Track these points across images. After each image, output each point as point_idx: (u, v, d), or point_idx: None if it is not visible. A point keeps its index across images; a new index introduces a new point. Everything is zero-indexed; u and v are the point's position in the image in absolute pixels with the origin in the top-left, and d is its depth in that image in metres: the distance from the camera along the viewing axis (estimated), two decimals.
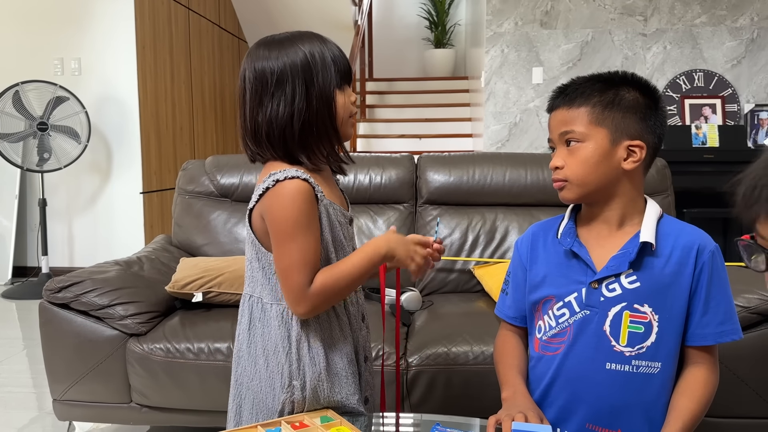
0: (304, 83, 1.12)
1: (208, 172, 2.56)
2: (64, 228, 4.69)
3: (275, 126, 1.13)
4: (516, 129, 4.98)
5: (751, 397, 1.74)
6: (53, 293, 1.96)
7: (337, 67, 1.15)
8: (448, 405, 1.83)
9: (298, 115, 1.12)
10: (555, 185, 1.13)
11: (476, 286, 2.36)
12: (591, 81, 1.11)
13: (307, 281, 1.10)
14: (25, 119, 4.22)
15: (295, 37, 1.16)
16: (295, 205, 1.09)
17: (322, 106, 1.14)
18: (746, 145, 4.53)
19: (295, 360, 1.14)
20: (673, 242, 1.09)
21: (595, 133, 1.08)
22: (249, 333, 1.19)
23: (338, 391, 1.17)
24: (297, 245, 1.09)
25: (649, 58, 4.85)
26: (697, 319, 1.08)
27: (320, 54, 1.14)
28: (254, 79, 1.14)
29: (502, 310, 1.27)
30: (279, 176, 1.10)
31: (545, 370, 1.15)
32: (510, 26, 4.92)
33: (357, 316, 1.24)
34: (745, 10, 4.76)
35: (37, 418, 2.44)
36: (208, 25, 5.85)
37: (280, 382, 1.15)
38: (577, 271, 1.12)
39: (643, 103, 1.09)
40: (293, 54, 1.13)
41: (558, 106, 1.13)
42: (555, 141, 1.13)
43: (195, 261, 2.22)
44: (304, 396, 1.14)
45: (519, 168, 2.48)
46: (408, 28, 7.99)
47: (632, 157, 1.08)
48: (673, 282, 1.08)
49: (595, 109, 1.08)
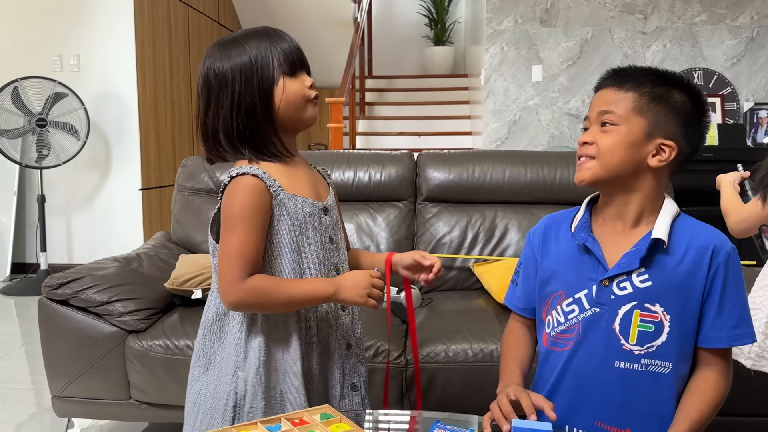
0: (243, 81, 1.16)
1: (208, 168, 2.55)
2: (63, 224, 4.68)
3: (220, 125, 1.17)
4: (515, 127, 4.98)
5: (750, 394, 1.74)
6: (52, 290, 1.96)
7: (284, 57, 1.17)
8: (447, 402, 1.83)
9: (237, 111, 1.16)
10: (579, 162, 1.12)
11: (476, 283, 2.36)
12: (648, 71, 1.10)
13: (240, 273, 1.12)
14: (24, 115, 4.21)
15: (243, 37, 1.19)
16: (241, 198, 1.13)
17: (260, 99, 1.16)
18: (745, 144, 4.53)
19: (243, 352, 1.18)
20: (689, 242, 1.08)
21: (633, 120, 1.07)
22: (213, 325, 1.22)
23: (276, 386, 1.19)
24: (236, 237, 1.13)
25: (648, 56, 4.85)
26: (710, 322, 1.07)
27: (264, 51, 1.17)
28: (202, 80, 1.19)
29: (512, 301, 1.26)
30: (233, 172, 1.15)
31: (554, 366, 1.14)
32: (510, 24, 4.92)
33: (335, 305, 1.25)
34: (744, 8, 4.76)
35: (36, 415, 2.44)
36: (207, 22, 5.84)
37: (227, 373, 1.19)
38: (589, 267, 1.11)
39: (691, 110, 1.09)
40: (237, 55, 1.17)
41: (606, 86, 1.12)
42: (592, 119, 1.12)
43: (194, 258, 2.22)
44: (246, 389, 1.17)
45: (519, 166, 2.48)
46: (407, 26, 7.98)
47: (660, 156, 1.07)
48: (687, 282, 1.07)
49: (642, 98, 1.07)
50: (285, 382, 1.19)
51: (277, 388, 1.19)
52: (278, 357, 1.20)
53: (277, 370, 1.20)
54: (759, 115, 4.66)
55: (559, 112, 4.94)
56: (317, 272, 1.21)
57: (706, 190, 3.78)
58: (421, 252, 1.28)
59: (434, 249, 2.41)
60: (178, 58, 5.22)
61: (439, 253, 2.41)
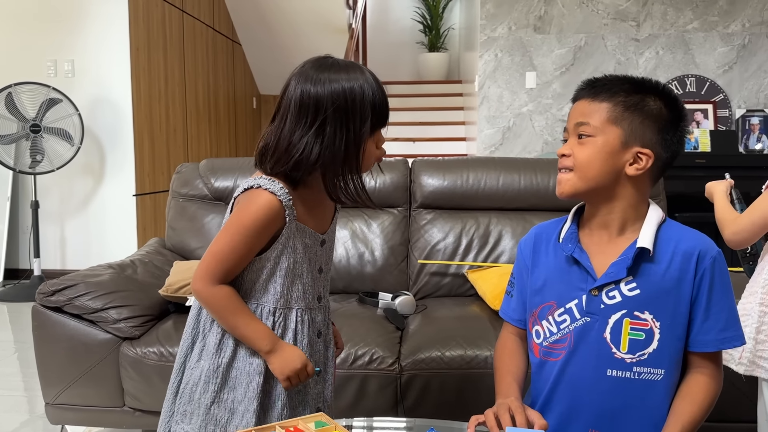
0: (344, 126, 1.12)
1: (203, 175, 2.56)
2: (57, 230, 4.66)
3: (309, 162, 1.13)
4: (509, 133, 5.00)
5: (741, 399, 1.75)
6: (46, 296, 1.96)
7: (374, 112, 1.14)
8: (441, 409, 1.83)
9: (323, 156, 1.13)
10: (559, 175, 1.12)
11: (470, 290, 2.36)
12: (621, 80, 1.10)
13: (215, 273, 1.16)
14: (18, 121, 4.20)
15: (341, 68, 1.15)
16: (254, 212, 1.14)
17: (350, 153, 1.14)
18: (737, 150, 4.56)
19: (211, 344, 1.21)
20: (674, 248, 1.08)
21: (609, 131, 1.07)
22: (196, 319, 1.25)
23: (229, 391, 1.21)
24: (231, 241, 1.16)
25: (641, 63, 4.88)
26: (698, 326, 1.08)
27: (360, 95, 1.13)
28: (299, 102, 1.13)
29: (507, 313, 1.27)
30: (263, 183, 1.15)
31: (548, 376, 1.15)
32: (504, 31, 4.94)
33: (312, 331, 1.27)
34: (736, 16, 4.80)
35: (28, 422, 2.43)
36: (202, 28, 5.84)
37: (195, 355, 1.23)
38: (578, 277, 1.12)
39: (667, 116, 1.08)
40: (337, 85, 1.12)
41: (582, 97, 1.12)
42: (569, 131, 1.13)
43: (189, 264, 2.22)
44: (199, 378, 1.20)
45: (512, 172, 2.49)
46: (402, 32, 8.01)
47: (637, 164, 1.07)
48: (674, 288, 1.07)
49: (616, 107, 1.07)
50: (239, 391, 1.21)
51: (230, 394, 1.21)
52: (240, 365, 1.21)
53: (235, 377, 1.21)
54: (751, 121, 4.69)
55: (552, 118, 4.96)
56: (301, 300, 1.23)
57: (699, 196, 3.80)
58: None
59: (428, 255, 2.42)
60: (172, 63, 5.22)
61: (433, 259, 2.41)
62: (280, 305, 1.21)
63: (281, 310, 1.21)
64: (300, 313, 1.23)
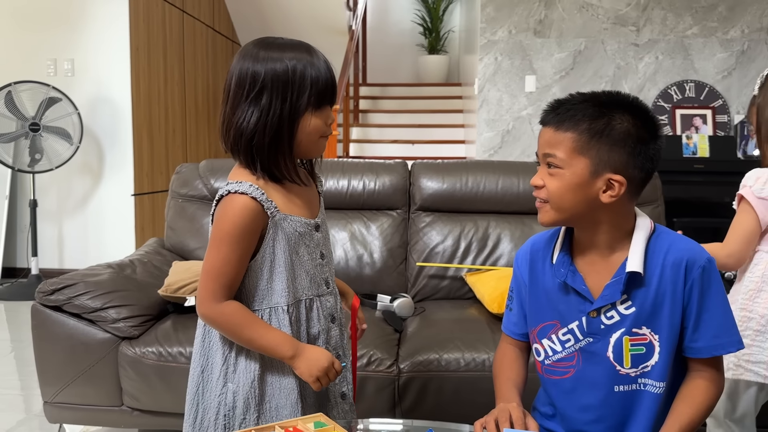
0: (280, 97, 1.14)
1: (202, 175, 2.56)
2: (55, 229, 4.66)
3: (246, 132, 1.15)
4: (509, 136, 5.01)
5: None
6: (46, 295, 1.96)
7: (316, 88, 1.16)
8: (439, 411, 1.84)
9: (270, 128, 1.14)
10: (536, 204, 1.11)
11: (468, 293, 2.37)
12: (585, 103, 1.05)
13: (217, 290, 1.15)
14: (17, 120, 4.20)
15: (286, 46, 1.17)
16: (232, 218, 1.14)
17: (286, 125, 1.15)
18: (736, 156, 4.57)
19: (232, 364, 1.19)
20: (663, 260, 1.07)
21: (576, 162, 1.04)
22: (203, 330, 1.24)
23: (271, 399, 1.20)
24: (221, 255, 1.14)
25: (641, 68, 4.89)
26: (689, 334, 1.09)
27: (302, 71, 1.15)
28: (237, 79, 1.16)
29: (509, 327, 1.26)
30: (232, 188, 1.15)
31: (555, 391, 1.16)
32: (504, 34, 4.95)
33: (326, 317, 1.27)
34: (736, 22, 4.81)
35: (25, 421, 2.43)
36: (202, 28, 5.84)
37: (216, 382, 1.20)
38: (576, 299, 1.11)
39: (635, 135, 1.03)
40: (278, 63, 1.14)
41: (547, 123, 1.08)
42: (539, 158, 1.11)
43: (188, 265, 2.22)
44: (235, 401, 1.18)
45: (511, 176, 2.50)
46: (402, 34, 8.01)
47: (611, 191, 1.04)
48: (668, 300, 1.07)
49: (581, 137, 1.03)
50: (281, 397, 1.20)
51: (272, 402, 1.20)
52: (273, 371, 1.20)
53: (272, 384, 1.20)
54: (749, 127, 4.68)
55: None
56: (309, 289, 1.23)
57: (697, 202, 3.82)
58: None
59: (427, 258, 2.42)
60: (172, 63, 5.22)
61: (432, 262, 2.42)
62: (291, 300, 1.20)
63: (293, 305, 1.21)
64: (309, 302, 1.23)
